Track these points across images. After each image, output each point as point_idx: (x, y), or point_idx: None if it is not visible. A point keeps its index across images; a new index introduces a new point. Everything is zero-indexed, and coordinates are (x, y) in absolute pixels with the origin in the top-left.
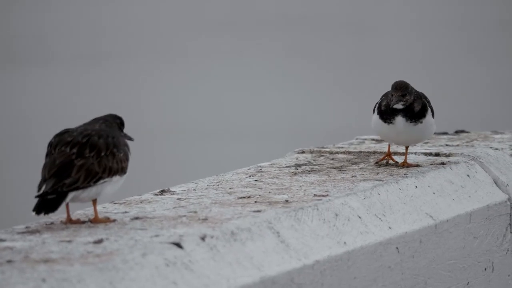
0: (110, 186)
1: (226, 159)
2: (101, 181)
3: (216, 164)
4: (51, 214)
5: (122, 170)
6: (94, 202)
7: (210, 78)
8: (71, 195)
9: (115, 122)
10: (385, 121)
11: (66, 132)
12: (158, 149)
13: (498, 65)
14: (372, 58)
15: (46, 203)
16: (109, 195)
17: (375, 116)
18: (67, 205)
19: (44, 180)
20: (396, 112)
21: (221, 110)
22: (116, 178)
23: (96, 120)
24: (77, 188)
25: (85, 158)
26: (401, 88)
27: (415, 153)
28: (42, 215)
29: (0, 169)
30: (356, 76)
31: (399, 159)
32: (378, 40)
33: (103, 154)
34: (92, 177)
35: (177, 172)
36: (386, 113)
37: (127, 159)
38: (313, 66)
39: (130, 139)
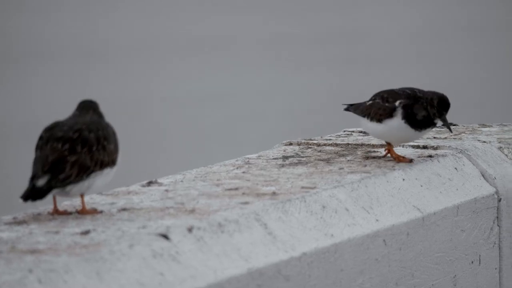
0: (101, 178)
1: (214, 151)
2: (93, 174)
3: (204, 156)
4: (38, 205)
5: (112, 162)
6: (82, 193)
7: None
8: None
9: (98, 108)
10: (416, 129)
11: (56, 125)
12: (145, 140)
13: (488, 59)
14: (361, 55)
15: (35, 192)
16: (101, 188)
17: (396, 121)
18: (54, 197)
19: (37, 176)
20: (432, 124)
21: (207, 100)
22: (107, 170)
23: (85, 109)
24: (70, 183)
25: (77, 154)
26: (449, 106)
27: (403, 146)
28: (29, 202)
29: None
30: (345, 69)
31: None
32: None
33: (94, 148)
34: (84, 172)
35: (164, 163)
36: (421, 123)
37: (117, 150)
38: (302, 58)
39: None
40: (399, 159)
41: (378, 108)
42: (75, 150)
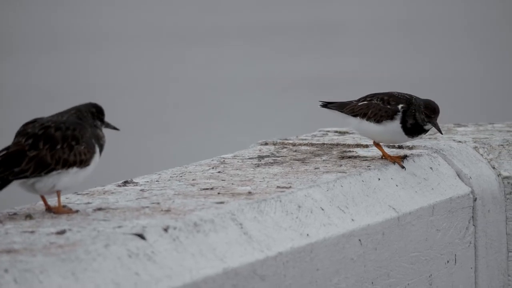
0: (68, 178)
1: (189, 151)
2: (54, 172)
3: (179, 156)
4: (14, 204)
5: (82, 163)
6: (58, 193)
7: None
8: (17, 182)
9: (89, 112)
10: (408, 135)
11: (33, 122)
12: (122, 140)
13: (465, 58)
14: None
15: None
16: (71, 187)
17: (395, 124)
18: (42, 196)
19: None
20: (423, 130)
21: (182, 100)
22: (74, 170)
23: (69, 110)
24: (24, 177)
25: (38, 149)
26: (436, 111)
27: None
28: None
29: None
30: (320, 68)
31: (363, 151)
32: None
33: (58, 146)
34: (43, 168)
35: (140, 163)
36: (413, 130)
37: (90, 152)
38: (279, 57)
39: (115, 128)
40: (394, 159)
41: (378, 109)
42: (36, 146)
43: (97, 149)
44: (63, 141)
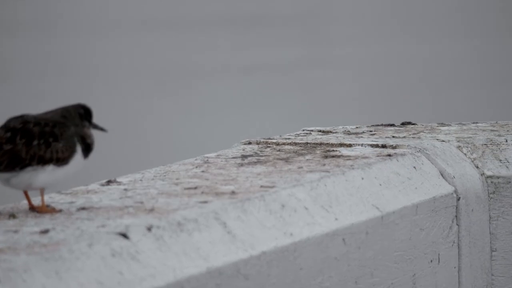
0: (44, 175)
1: (173, 150)
2: (29, 168)
3: (162, 155)
4: None
5: (58, 160)
6: (42, 191)
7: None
8: None
9: (76, 112)
10: None
11: (18, 117)
12: (105, 140)
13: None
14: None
15: None
16: (50, 185)
17: None
18: (25, 193)
19: None
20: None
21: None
22: (50, 167)
23: (56, 109)
24: (1, 171)
25: (14, 144)
26: None
27: (362, 145)
28: None
29: None
30: (304, 69)
31: (346, 150)
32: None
33: (35, 142)
34: (17, 163)
35: (123, 162)
36: None
37: (69, 150)
38: (261, 57)
39: (102, 129)
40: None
41: None
42: (13, 140)
43: (79, 149)
44: (40, 137)
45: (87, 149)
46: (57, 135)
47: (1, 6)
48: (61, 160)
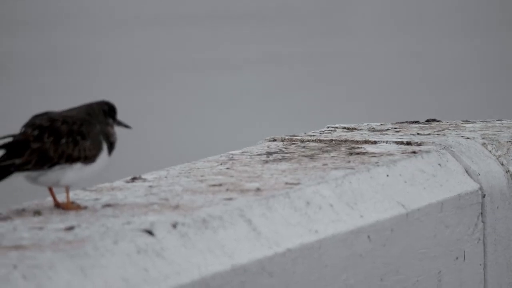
0: (72, 173)
1: (198, 147)
2: (57, 166)
3: (187, 152)
4: (22, 200)
5: (86, 158)
6: (67, 188)
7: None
8: (18, 175)
9: (101, 110)
10: None
11: (42, 114)
12: (129, 136)
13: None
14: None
15: None
16: (77, 183)
17: None
18: (50, 189)
19: None
20: None
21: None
22: (78, 165)
23: (80, 106)
24: (26, 170)
25: (42, 142)
26: None
27: (386, 142)
28: None
29: None
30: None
31: (371, 147)
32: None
33: (63, 140)
34: (45, 162)
35: (148, 159)
36: None
37: (96, 148)
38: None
39: (126, 126)
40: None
41: None
42: (41, 138)
43: (105, 147)
44: (68, 135)
45: (111, 147)
46: (84, 133)
47: (2, 4)
48: (89, 158)
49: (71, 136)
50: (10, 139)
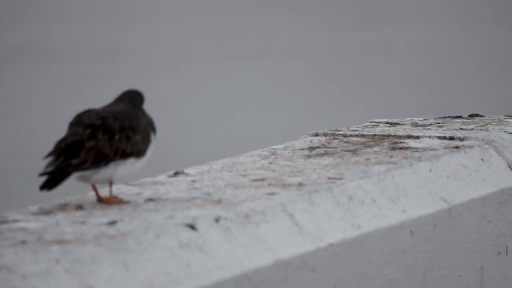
0: (125, 168)
1: (240, 141)
2: (112, 163)
3: (230, 146)
4: (64, 194)
5: (138, 153)
6: (110, 183)
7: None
8: (76, 174)
9: (139, 99)
10: None
11: (87, 112)
12: (172, 131)
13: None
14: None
15: (49, 180)
16: (126, 177)
17: None
18: (93, 184)
19: (52, 158)
20: None
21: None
22: (131, 161)
23: (121, 99)
24: (84, 169)
25: (96, 140)
26: None
27: (429, 137)
28: (45, 191)
29: (14, 150)
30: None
31: (414, 142)
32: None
33: (116, 137)
34: (101, 159)
35: (190, 154)
36: None
37: (146, 141)
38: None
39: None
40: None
41: None
42: (95, 137)
43: (153, 138)
44: (121, 131)
45: (154, 133)
46: (135, 128)
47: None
48: (140, 152)
49: (123, 132)
50: (62, 144)
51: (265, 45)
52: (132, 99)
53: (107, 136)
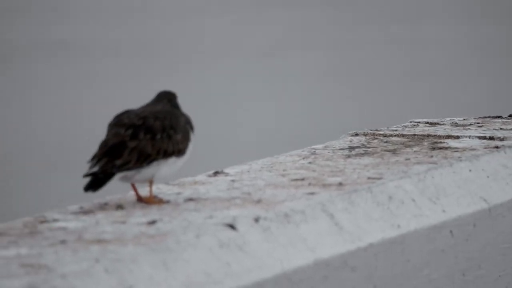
0: (166, 167)
1: (279, 141)
2: (155, 162)
3: (269, 146)
4: (104, 194)
5: (179, 152)
6: (150, 182)
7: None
8: (120, 175)
9: (176, 98)
10: None
11: (126, 112)
12: (211, 131)
13: None
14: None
15: (93, 181)
16: (167, 177)
17: None
18: (133, 184)
19: (94, 159)
20: None
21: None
22: (172, 159)
23: (158, 99)
24: (127, 169)
25: (138, 140)
26: None
27: (469, 137)
28: (89, 192)
29: (55, 149)
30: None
31: (454, 142)
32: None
33: (158, 136)
34: (144, 159)
35: (230, 154)
36: None
37: (186, 140)
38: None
39: None
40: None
41: None
42: (137, 137)
43: (192, 137)
44: (162, 130)
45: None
46: (175, 127)
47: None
48: (181, 151)
49: (165, 131)
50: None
51: (298, 40)
52: (170, 99)
53: (149, 136)
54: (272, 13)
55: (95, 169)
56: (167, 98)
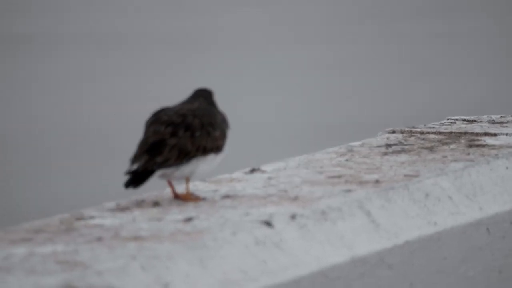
0: (205, 164)
1: (316, 138)
2: (194, 159)
3: (306, 143)
4: (141, 191)
5: (217, 148)
6: (187, 180)
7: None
8: (159, 172)
9: (212, 95)
10: None
11: (163, 110)
12: (248, 128)
13: None
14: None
15: (134, 178)
16: (205, 173)
17: None
18: (169, 181)
19: (135, 157)
20: None
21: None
22: (211, 156)
23: (195, 96)
24: (167, 166)
25: (178, 137)
26: None
27: (507, 134)
28: (130, 189)
29: (92, 146)
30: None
31: (491, 140)
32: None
33: (197, 133)
34: (184, 156)
35: (267, 151)
36: None
37: (224, 137)
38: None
39: None
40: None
41: None
42: (176, 134)
43: (228, 133)
44: (201, 128)
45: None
46: (213, 124)
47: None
48: (219, 148)
49: (203, 128)
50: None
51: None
52: (206, 97)
53: (188, 133)
54: (302, 5)
55: (136, 166)
56: (203, 96)
